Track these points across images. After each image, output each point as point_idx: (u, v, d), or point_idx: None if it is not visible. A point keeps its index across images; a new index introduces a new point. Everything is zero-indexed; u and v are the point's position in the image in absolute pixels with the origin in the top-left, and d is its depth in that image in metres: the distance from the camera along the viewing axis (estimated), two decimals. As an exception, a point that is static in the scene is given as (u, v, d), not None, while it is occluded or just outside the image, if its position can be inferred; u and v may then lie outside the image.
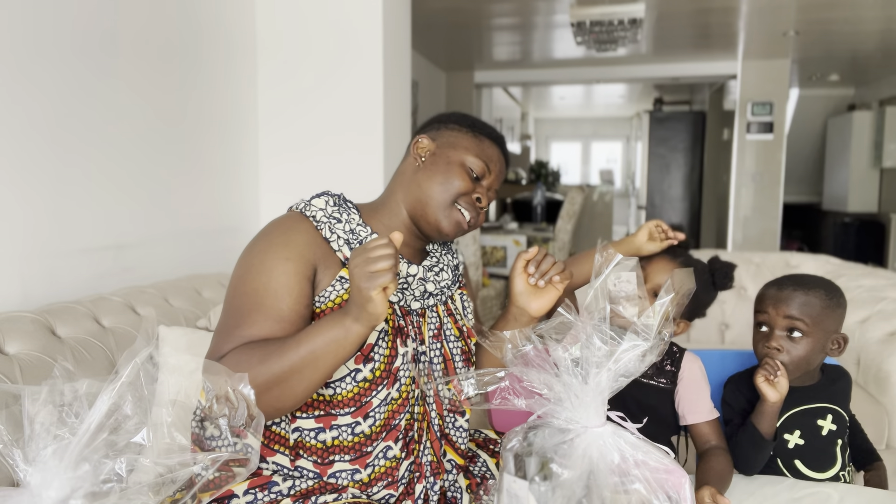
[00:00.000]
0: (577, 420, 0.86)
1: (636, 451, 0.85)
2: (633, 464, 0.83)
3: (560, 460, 0.83)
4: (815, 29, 4.95)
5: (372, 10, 2.41)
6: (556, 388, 0.87)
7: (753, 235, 6.32)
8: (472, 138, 1.19)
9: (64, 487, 0.76)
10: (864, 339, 2.20)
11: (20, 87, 1.52)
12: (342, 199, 1.16)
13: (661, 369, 1.28)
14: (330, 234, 1.09)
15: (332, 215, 1.12)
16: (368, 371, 1.06)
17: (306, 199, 1.15)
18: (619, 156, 12.90)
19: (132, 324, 1.54)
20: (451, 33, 5.33)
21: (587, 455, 0.83)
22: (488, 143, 1.20)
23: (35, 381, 1.18)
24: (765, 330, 1.27)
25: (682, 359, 1.30)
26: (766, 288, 1.31)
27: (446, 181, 1.14)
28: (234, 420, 1.10)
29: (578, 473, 0.82)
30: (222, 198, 2.34)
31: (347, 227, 1.11)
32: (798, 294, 1.24)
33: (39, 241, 1.59)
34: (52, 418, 0.79)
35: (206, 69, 2.22)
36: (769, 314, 1.26)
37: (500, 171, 1.21)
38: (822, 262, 2.77)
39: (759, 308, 1.29)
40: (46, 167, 1.59)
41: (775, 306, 1.25)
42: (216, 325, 1.09)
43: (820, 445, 1.26)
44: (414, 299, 1.14)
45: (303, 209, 1.12)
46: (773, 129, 6.15)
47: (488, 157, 1.19)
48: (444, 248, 1.26)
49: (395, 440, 1.09)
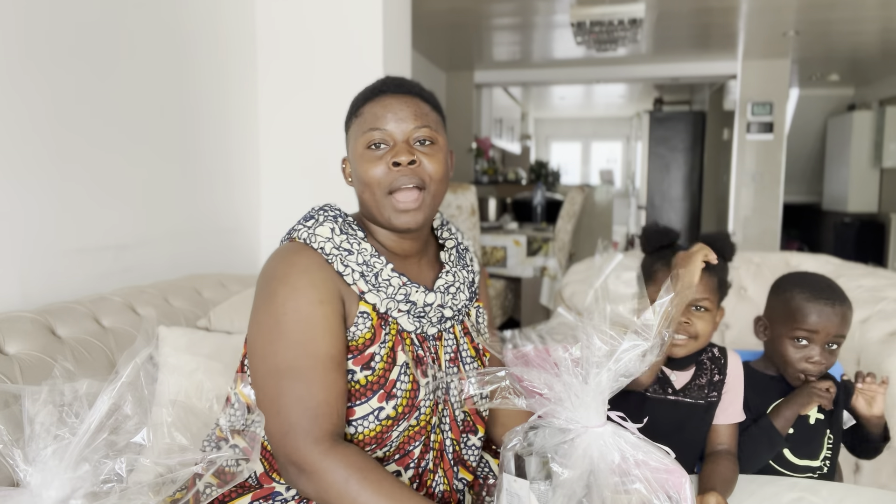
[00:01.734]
0: (578, 420, 0.86)
1: (636, 450, 0.84)
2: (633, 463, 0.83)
3: (560, 460, 0.83)
4: (815, 29, 4.95)
5: (372, 10, 2.40)
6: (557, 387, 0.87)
7: (753, 235, 6.32)
8: (357, 119, 1.08)
9: (64, 487, 0.76)
10: (864, 339, 2.20)
11: (20, 87, 1.52)
12: (346, 224, 1.07)
13: (710, 381, 1.28)
14: (343, 267, 1.02)
15: (342, 247, 1.03)
16: (391, 408, 1.01)
17: (306, 224, 1.06)
18: (619, 156, 12.90)
19: (132, 324, 1.53)
20: (451, 33, 5.33)
21: (587, 455, 0.83)
22: (371, 104, 1.07)
23: (35, 381, 1.18)
24: (804, 344, 1.29)
25: (727, 362, 1.31)
26: (805, 302, 1.28)
27: (363, 183, 1.05)
28: (235, 420, 1.10)
29: (579, 473, 0.81)
30: (222, 198, 2.34)
31: (360, 258, 1.03)
32: (840, 309, 1.27)
33: (39, 241, 1.58)
34: (53, 418, 0.79)
35: (206, 69, 2.22)
36: (817, 332, 1.27)
37: (402, 115, 1.05)
38: (822, 262, 2.76)
39: (801, 325, 1.28)
40: (46, 167, 1.59)
41: (824, 325, 1.26)
42: (260, 385, 0.98)
43: (808, 435, 1.31)
44: (431, 325, 1.09)
45: (307, 240, 1.03)
46: (773, 129, 6.15)
47: (376, 116, 1.05)
48: (460, 262, 1.17)
49: (405, 467, 1.06)
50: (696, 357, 1.29)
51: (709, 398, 1.27)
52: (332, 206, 1.11)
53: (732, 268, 2.18)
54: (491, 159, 7.88)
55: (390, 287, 1.03)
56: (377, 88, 1.09)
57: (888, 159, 6.45)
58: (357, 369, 1.01)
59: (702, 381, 1.28)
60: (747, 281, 2.69)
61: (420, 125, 1.06)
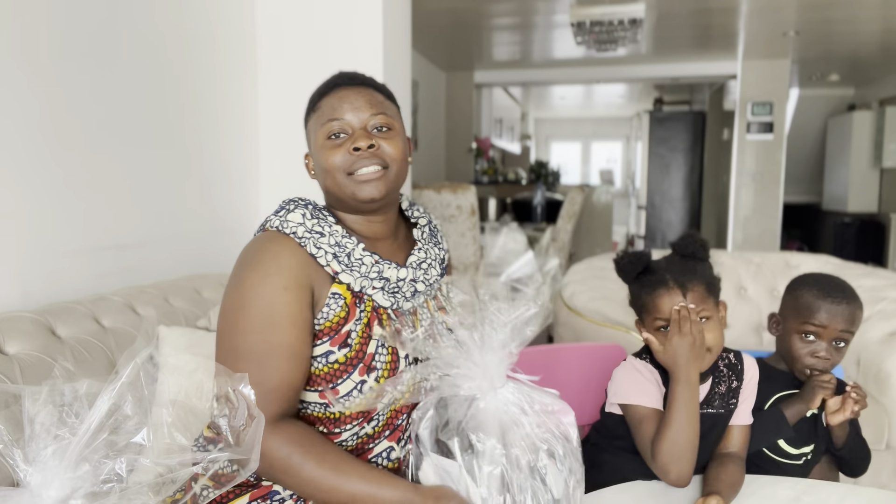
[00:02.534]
0: (481, 387, 0.93)
1: (530, 399, 0.95)
2: (534, 413, 0.94)
3: (477, 433, 0.91)
4: (815, 29, 4.95)
5: (372, 10, 2.40)
6: (459, 360, 0.94)
7: (753, 235, 6.33)
8: (315, 114, 1.13)
9: (64, 487, 0.76)
10: (864, 339, 2.20)
11: (19, 88, 1.52)
12: (317, 209, 1.12)
13: (730, 388, 1.27)
14: (315, 249, 1.06)
15: (314, 230, 1.07)
16: (373, 380, 1.05)
17: (279, 212, 1.11)
18: (619, 156, 12.90)
19: (132, 324, 1.53)
20: (451, 33, 5.33)
21: (496, 417, 0.92)
22: (328, 97, 1.13)
23: (35, 381, 1.18)
24: (812, 339, 1.33)
25: (743, 367, 1.30)
26: (815, 299, 1.33)
27: (325, 170, 1.10)
28: (235, 420, 1.10)
29: (495, 440, 0.91)
30: (222, 198, 2.34)
31: (332, 239, 1.07)
32: (849, 308, 1.31)
33: (39, 241, 1.58)
34: (53, 418, 0.79)
35: (206, 69, 2.22)
36: (825, 327, 1.31)
37: (357, 104, 1.11)
38: (822, 262, 2.76)
39: (809, 320, 1.32)
40: (46, 167, 1.59)
41: (831, 321, 1.31)
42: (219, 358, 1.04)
43: (800, 425, 1.33)
44: (405, 300, 1.12)
45: (279, 226, 1.08)
46: (773, 129, 6.15)
47: (333, 107, 1.11)
48: (432, 240, 1.21)
49: (397, 441, 1.09)
50: (713, 367, 1.27)
51: (729, 406, 1.27)
52: (303, 197, 1.15)
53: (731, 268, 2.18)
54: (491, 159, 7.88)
55: (363, 266, 1.07)
56: (332, 83, 1.15)
57: (888, 159, 6.45)
58: (335, 349, 1.04)
59: (721, 390, 1.27)
60: (747, 281, 2.69)
61: (376, 112, 1.11)
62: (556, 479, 0.92)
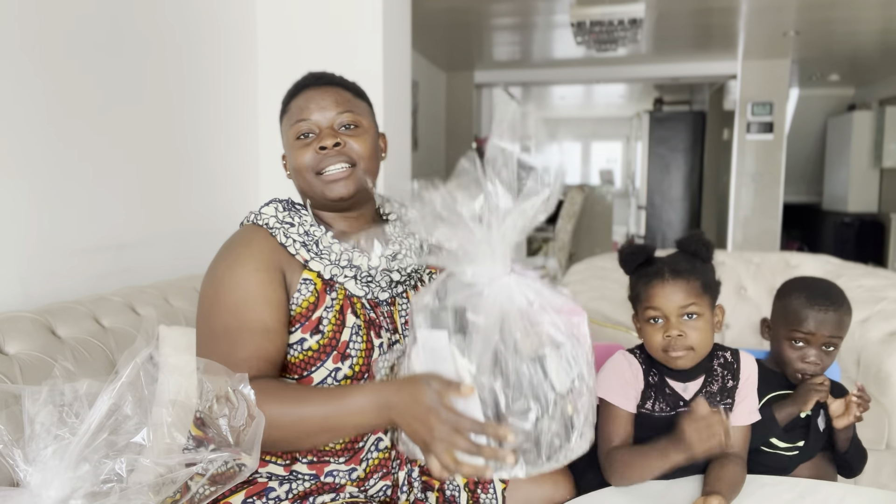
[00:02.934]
0: (485, 273, 0.87)
1: (539, 295, 0.88)
2: (538, 308, 0.87)
3: (473, 309, 0.85)
4: (815, 29, 4.95)
5: (372, 10, 2.40)
6: (464, 242, 0.88)
7: (753, 235, 6.32)
8: (285, 116, 1.18)
9: (64, 487, 0.76)
10: (864, 339, 2.20)
11: (20, 87, 1.51)
12: (291, 204, 1.16)
13: (724, 388, 1.27)
14: (285, 238, 1.09)
15: (284, 220, 1.11)
16: (348, 368, 1.06)
17: (254, 211, 1.16)
18: (619, 156, 12.89)
19: (132, 324, 1.53)
20: (451, 33, 5.33)
21: (497, 302, 0.85)
22: (296, 98, 1.17)
23: (35, 381, 1.18)
24: (801, 346, 1.35)
25: (740, 366, 1.30)
26: (802, 307, 1.35)
27: (296, 170, 1.14)
28: (235, 420, 1.10)
29: (492, 321, 0.84)
30: (222, 197, 2.34)
31: (301, 229, 1.11)
32: (836, 314, 1.33)
33: (39, 241, 1.58)
34: (53, 418, 0.79)
35: (206, 69, 2.22)
36: (813, 334, 1.33)
37: (324, 104, 1.14)
38: (822, 262, 2.76)
39: (797, 328, 1.34)
40: (46, 167, 1.59)
41: (818, 328, 1.33)
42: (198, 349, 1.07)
43: (792, 424, 1.35)
44: (381, 290, 1.13)
45: (254, 220, 1.13)
46: (773, 129, 6.15)
47: (301, 108, 1.15)
48: (405, 230, 1.20)
49: (384, 431, 1.10)
50: (706, 365, 1.27)
51: (723, 405, 1.26)
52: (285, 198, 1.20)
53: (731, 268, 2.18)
54: (491, 159, 7.85)
55: (332, 253, 1.10)
56: (300, 84, 1.20)
57: (888, 159, 6.45)
58: (307, 336, 1.05)
59: (713, 389, 1.26)
60: (747, 281, 2.69)
61: (342, 110, 1.14)
62: (558, 371, 0.84)
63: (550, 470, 0.85)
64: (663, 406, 1.25)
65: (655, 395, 1.26)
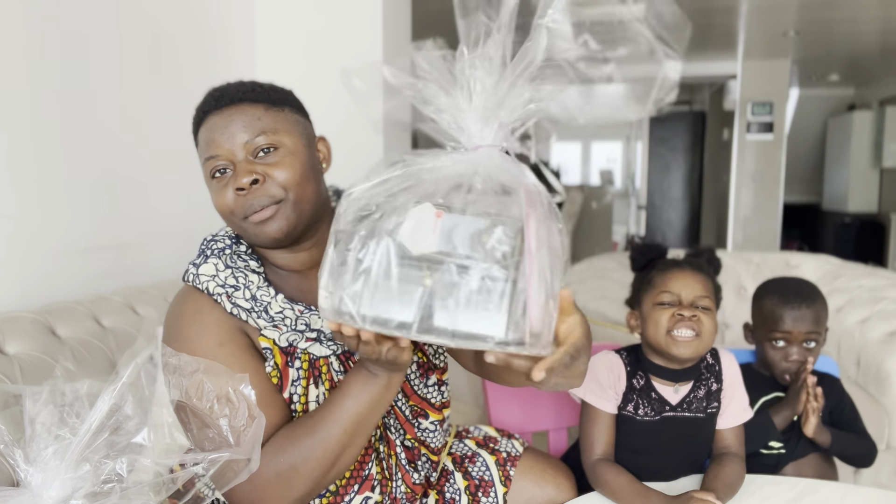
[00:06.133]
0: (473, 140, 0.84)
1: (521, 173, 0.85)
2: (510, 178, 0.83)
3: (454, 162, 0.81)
4: (815, 29, 4.95)
5: (372, 10, 2.40)
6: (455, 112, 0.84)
7: (753, 235, 6.32)
8: (198, 150, 1.02)
9: (65, 487, 0.76)
10: (864, 339, 2.20)
11: (20, 88, 1.52)
12: (234, 255, 1.01)
13: (709, 392, 1.27)
14: (230, 306, 0.95)
15: (227, 283, 0.97)
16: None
17: (196, 261, 1.01)
18: (619, 156, 12.89)
19: (132, 324, 1.54)
20: (451, 33, 5.33)
21: (476, 159, 0.82)
22: (202, 129, 1.01)
23: (35, 381, 1.18)
24: (782, 345, 1.38)
25: (721, 367, 1.29)
26: (776, 307, 1.38)
27: (220, 213, 0.99)
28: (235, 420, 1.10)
29: (467, 170, 0.80)
30: (222, 198, 2.34)
31: (248, 293, 0.97)
32: (811, 310, 1.36)
33: (39, 241, 1.58)
34: (53, 418, 0.79)
35: (206, 69, 2.22)
36: (791, 333, 1.36)
37: (231, 131, 0.96)
38: (822, 262, 2.76)
39: (775, 328, 1.37)
40: (47, 167, 1.59)
41: (795, 325, 1.36)
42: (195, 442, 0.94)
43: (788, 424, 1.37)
44: None
45: (193, 282, 0.98)
46: (773, 129, 6.15)
47: (207, 142, 0.98)
48: None
49: (371, 489, 1.03)
50: (696, 369, 1.26)
51: (709, 410, 1.26)
52: (225, 233, 1.05)
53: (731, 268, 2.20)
54: (491, 159, 7.87)
55: (286, 319, 0.97)
56: (201, 110, 1.02)
57: (888, 159, 6.45)
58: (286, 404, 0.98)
59: (700, 394, 1.25)
60: (747, 281, 2.69)
61: (254, 135, 0.95)
62: (501, 240, 0.74)
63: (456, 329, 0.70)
64: (648, 411, 1.24)
65: (639, 398, 1.24)
